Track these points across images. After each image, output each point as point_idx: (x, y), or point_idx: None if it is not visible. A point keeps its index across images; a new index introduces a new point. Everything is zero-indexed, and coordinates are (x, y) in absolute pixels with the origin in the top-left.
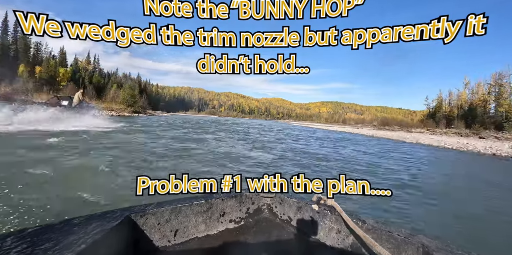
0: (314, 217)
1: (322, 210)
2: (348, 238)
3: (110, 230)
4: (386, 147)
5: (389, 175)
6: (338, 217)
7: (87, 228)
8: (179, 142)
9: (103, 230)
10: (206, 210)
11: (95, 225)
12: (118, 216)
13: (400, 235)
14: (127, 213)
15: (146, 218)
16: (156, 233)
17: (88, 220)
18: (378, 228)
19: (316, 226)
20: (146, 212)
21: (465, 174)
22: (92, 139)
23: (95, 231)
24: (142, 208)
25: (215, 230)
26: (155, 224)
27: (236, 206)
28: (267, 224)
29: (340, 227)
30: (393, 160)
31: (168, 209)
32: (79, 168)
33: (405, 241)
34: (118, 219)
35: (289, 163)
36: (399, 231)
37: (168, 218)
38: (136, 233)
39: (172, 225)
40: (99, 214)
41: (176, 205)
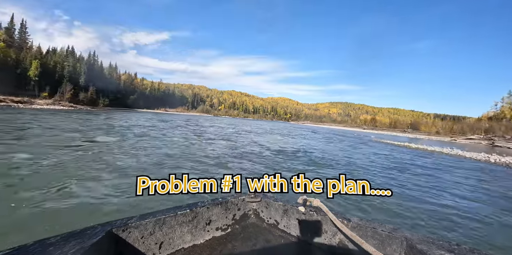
0: (300, 219)
1: (308, 212)
2: (335, 237)
3: (90, 247)
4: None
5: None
6: (324, 217)
7: (65, 247)
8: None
9: (82, 247)
10: (192, 219)
11: (74, 243)
12: (99, 231)
13: (384, 231)
14: (108, 228)
15: (128, 232)
16: (140, 246)
17: (66, 239)
18: (363, 225)
19: (303, 227)
20: (129, 226)
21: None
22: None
23: (73, 249)
24: (124, 222)
25: (201, 239)
26: (139, 237)
27: (222, 213)
28: (254, 230)
29: (327, 227)
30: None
31: (151, 221)
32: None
33: (389, 236)
34: (98, 235)
35: None
36: (383, 227)
37: (152, 231)
38: (118, 248)
39: (157, 237)
40: (77, 231)
41: (160, 216)
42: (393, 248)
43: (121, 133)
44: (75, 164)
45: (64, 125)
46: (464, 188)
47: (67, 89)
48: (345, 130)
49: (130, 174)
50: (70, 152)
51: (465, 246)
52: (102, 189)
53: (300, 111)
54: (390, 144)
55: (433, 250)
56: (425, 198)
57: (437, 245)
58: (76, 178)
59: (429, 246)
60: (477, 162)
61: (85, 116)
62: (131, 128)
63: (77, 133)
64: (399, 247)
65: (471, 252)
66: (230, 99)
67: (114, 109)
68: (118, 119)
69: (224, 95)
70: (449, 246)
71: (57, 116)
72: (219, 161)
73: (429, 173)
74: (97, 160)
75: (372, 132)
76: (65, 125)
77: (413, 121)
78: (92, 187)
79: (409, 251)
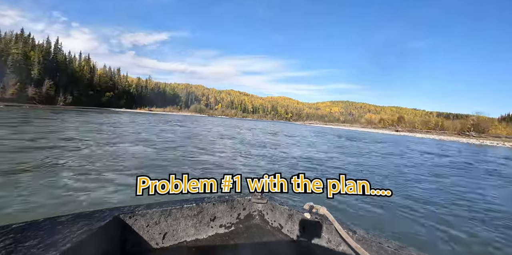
0: (305, 225)
1: (313, 219)
2: (338, 248)
3: (97, 230)
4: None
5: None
6: (329, 226)
7: (74, 226)
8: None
9: (90, 229)
10: (197, 214)
11: (82, 224)
12: (107, 215)
13: (390, 247)
14: (115, 213)
15: (135, 219)
16: (145, 235)
17: (75, 219)
18: (369, 239)
19: (307, 234)
20: (136, 213)
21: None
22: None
23: (81, 230)
24: (131, 209)
25: (204, 234)
26: (144, 225)
27: (227, 211)
28: (257, 231)
29: (331, 237)
30: None
31: (158, 211)
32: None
33: (395, 253)
34: (106, 219)
35: None
36: (389, 243)
37: (158, 220)
38: (124, 234)
39: (161, 228)
40: (86, 213)
41: (166, 207)
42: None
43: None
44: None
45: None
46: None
47: (10, 83)
48: (373, 133)
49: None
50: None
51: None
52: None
53: (301, 110)
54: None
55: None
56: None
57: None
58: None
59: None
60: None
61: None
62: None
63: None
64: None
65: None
66: (228, 98)
67: (75, 109)
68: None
69: (222, 95)
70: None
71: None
72: None
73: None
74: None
75: (414, 135)
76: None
77: (475, 120)
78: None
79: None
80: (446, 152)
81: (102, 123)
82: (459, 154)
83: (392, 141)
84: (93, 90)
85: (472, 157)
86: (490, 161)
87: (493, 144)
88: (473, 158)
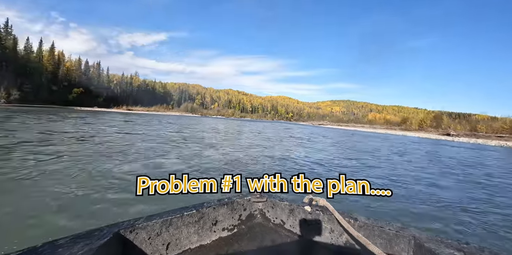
0: (307, 219)
1: (314, 211)
2: (341, 237)
3: (98, 249)
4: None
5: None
6: (330, 216)
7: (74, 248)
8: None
9: (90, 249)
10: (198, 220)
11: (83, 244)
12: (106, 233)
13: (392, 230)
14: (115, 229)
15: (136, 233)
16: (147, 247)
17: (73, 240)
18: (370, 224)
19: (309, 227)
20: (136, 227)
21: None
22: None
23: (82, 251)
24: (131, 223)
25: (208, 239)
26: (146, 238)
27: (228, 214)
28: (260, 230)
29: (333, 226)
30: None
31: (158, 222)
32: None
33: (397, 234)
34: (106, 236)
35: None
36: (390, 226)
37: (159, 231)
38: (126, 249)
39: (164, 238)
40: (85, 233)
41: (167, 217)
42: (401, 247)
43: None
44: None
45: None
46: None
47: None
48: (411, 137)
49: None
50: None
51: (475, 245)
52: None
53: (301, 110)
54: None
55: (442, 249)
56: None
57: (445, 243)
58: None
59: (437, 245)
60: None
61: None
62: None
63: None
64: (407, 246)
65: (481, 251)
66: (226, 98)
67: (17, 108)
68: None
69: (219, 93)
70: (458, 245)
71: None
72: None
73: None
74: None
75: (486, 142)
76: None
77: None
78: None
79: (417, 250)
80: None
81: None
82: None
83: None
84: (57, 86)
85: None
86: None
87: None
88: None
